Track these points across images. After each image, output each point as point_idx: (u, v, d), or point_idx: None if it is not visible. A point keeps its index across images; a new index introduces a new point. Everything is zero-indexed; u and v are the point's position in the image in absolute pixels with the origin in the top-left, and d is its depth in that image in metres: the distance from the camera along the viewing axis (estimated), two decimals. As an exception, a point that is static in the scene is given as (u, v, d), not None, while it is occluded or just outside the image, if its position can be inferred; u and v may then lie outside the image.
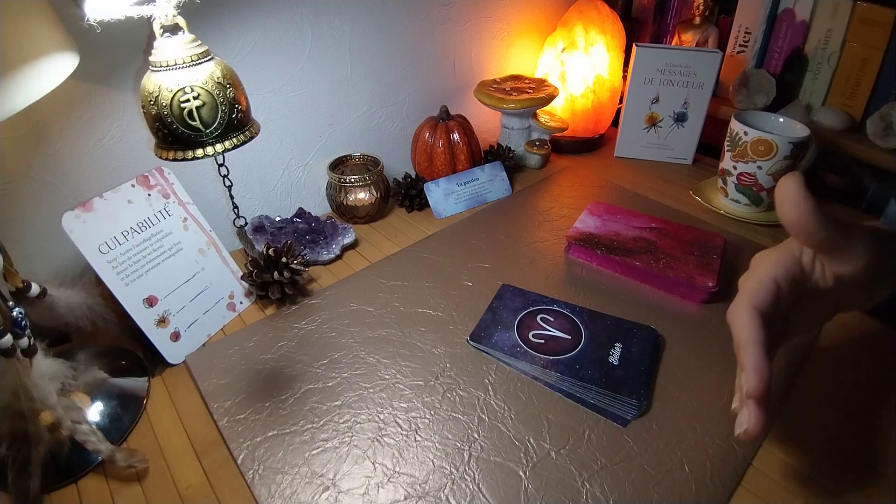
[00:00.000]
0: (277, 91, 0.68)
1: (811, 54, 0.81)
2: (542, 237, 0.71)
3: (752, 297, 0.36)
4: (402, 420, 0.46)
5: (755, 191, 0.72)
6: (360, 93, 0.77)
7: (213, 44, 0.54)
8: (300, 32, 0.67)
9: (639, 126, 0.89)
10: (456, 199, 0.78)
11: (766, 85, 0.84)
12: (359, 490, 0.41)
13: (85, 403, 0.47)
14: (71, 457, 0.42)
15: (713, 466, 0.42)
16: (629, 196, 0.80)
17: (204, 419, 0.48)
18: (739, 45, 0.89)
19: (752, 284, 0.37)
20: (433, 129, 0.78)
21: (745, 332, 0.35)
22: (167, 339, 0.53)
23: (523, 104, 0.82)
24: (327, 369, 0.51)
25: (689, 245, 0.63)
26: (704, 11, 0.88)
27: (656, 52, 0.82)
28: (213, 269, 0.58)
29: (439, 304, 0.59)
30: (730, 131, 0.73)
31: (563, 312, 0.56)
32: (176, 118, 0.39)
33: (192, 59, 0.40)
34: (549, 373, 0.49)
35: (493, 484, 0.41)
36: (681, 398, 0.48)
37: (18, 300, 0.42)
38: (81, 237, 0.48)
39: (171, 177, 0.57)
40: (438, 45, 0.83)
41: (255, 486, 0.41)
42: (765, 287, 0.36)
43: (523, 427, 0.45)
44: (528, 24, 0.95)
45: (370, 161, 0.77)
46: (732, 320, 0.36)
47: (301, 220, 0.70)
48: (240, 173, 0.69)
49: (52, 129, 0.53)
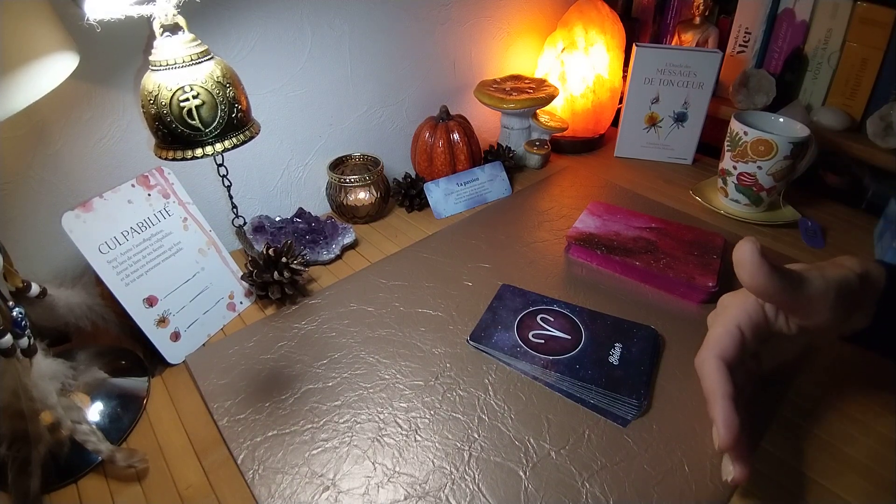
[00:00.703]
0: (277, 91, 0.68)
1: (811, 54, 0.81)
2: (542, 237, 0.71)
3: (717, 347, 0.38)
4: (402, 420, 0.46)
5: (755, 191, 0.72)
6: (360, 93, 0.77)
7: (213, 43, 0.54)
8: (300, 32, 0.67)
9: (639, 126, 0.89)
10: (456, 199, 0.78)
11: (766, 85, 0.84)
12: (359, 490, 0.41)
13: (85, 403, 0.47)
14: (71, 457, 0.42)
15: (713, 466, 0.42)
16: (629, 196, 0.80)
17: (204, 419, 0.48)
18: (739, 45, 0.89)
19: (717, 332, 0.39)
20: (433, 129, 0.78)
21: (713, 385, 0.36)
22: (167, 339, 0.52)
23: (523, 104, 0.82)
24: (327, 369, 0.51)
25: (689, 245, 0.63)
26: (704, 11, 0.88)
27: (656, 52, 0.82)
28: (213, 269, 0.58)
29: (439, 304, 0.59)
30: (730, 131, 0.73)
31: (563, 312, 0.56)
32: (175, 117, 0.39)
33: (192, 58, 0.40)
34: (549, 373, 0.49)
35: (493, 484, 0.41)
36: (681, 398, 0.48)
37: (18, 300, 0.42)
38: (81, 237, 0.48)
39: (171, 177, 0.57)
40: (438, 45, 0.83)
41: (255, 486, 0.41)
42: (729, 335, 0.38)
43: (523, 427, 0.45)
44: (528, 24, 0.95)
45: (370, 161, 0.77)
46: (700, 370, 0.38)
47: (301, 220, 0.70)
48: (240, 173, 0.69)
49: (52, 129, 0.53)
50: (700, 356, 0.39)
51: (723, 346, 0.38)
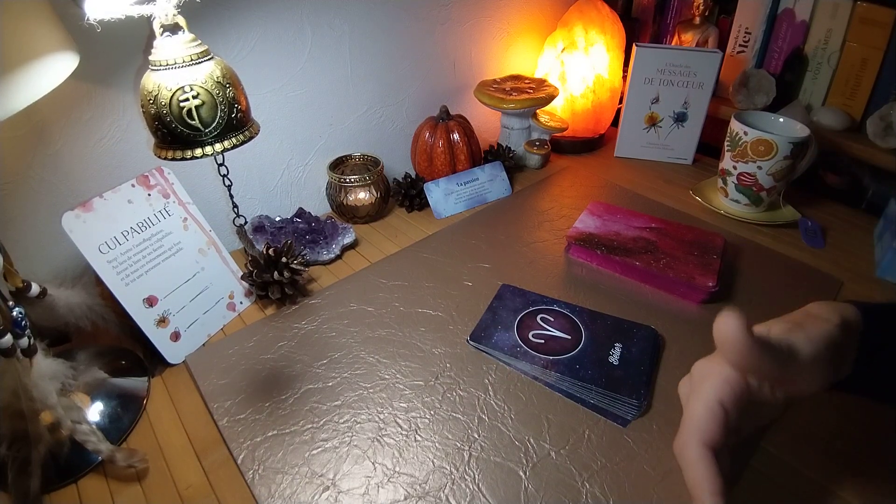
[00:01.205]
0: (277, 91, 0.68)
1: (811, 54, 0.81)
2: (542, 237, 0.71)
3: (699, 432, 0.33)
4: (402, 420, 0.46)
5: (755, 191, 0.72)
6: (360, 93, 0.77)
7: (213, 43, 0.54)
8: (300, 32, 0.67)
9: (639, 126, 0.89)
10: (456, 199, 0.78)
11: (766, 85, 0.84)
12: (359, 490, 0.41)
13: (85, 403, 0.47)
14: (71, 457, 0.42)
15: (713, 466, 0.42)
16: (629, 196, 0.80)
17: (204, 419, 0.48)
18: (739, 45, 0.89)
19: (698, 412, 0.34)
20: (433, 129, 0.78)
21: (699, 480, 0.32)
22: (167, 339, 0.52)
23: (523, 104, 0.82)
24: (327, 369, 0.51)
25: (689, 245, 0.63)
26: (704, 11, 0.88)
27: (656, 52, 0.82)
28: (213, 269, 0.58)
29: (439, 304, 0.59)
30: (730, 131, 0.73)
31: (563, 312, 0.56)
32: (175, 117, 0.39)
33: (192, 58, 0.40)
34: (549, 373, 0.49)
35: (493, 484, 0.41)
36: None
37: (18, 300, 0.42)
38: (81, 237, 0.48)
39: (171, 177, 0.57)
40: (438, 45, 0.83)
41: (255, 486, 0.41)
42: (712, 416, 0.33)
43: (523, 427, 0.45)
44: (528, 24, 0.95)
45: (370, 161, 0.77)
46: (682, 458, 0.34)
47: (301, 220, 0.70)
48: (240, 173, 0.69)
49: (52, 129, 0.53)
50: (680, 441, 0.34)
51: (706, 430, 0.33)
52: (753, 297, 0.60)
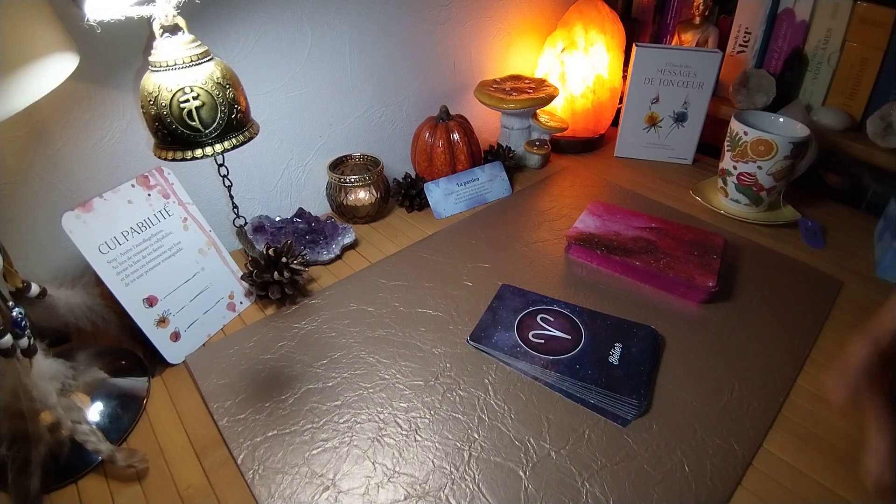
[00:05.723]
0: (277, 91, 0.68)
1: (811, 54, 0.81)
2: (542, 237, 0.71)
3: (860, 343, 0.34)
4: (402, 420, 0.46)
5: (755, 191, 0.72)
6: (360, 93, 0.77)
7: (213, 44, 0.54)
8: (300, 32, 0.67)
9: (639, 126, 0.89)
10: (456, 199, 0.78)
11: (766, 85, 0.84)
12: (359, 490, 0.41)
13: (85, 403, 0.47)
14: (71, 457, 0.42)
15: (713, 466, 0.42)
16: (629, 196, 0.80)
17: (204, 419, 0.48)
18: (739, 45, 0.89)
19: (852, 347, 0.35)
20: (433, 129, 0.78)
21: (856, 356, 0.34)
22: (167, 339, 0.52)
23: (523, 104, 0.82)
24: (327, 369, 0.51)
25: (690, 245, 0.63)
26: (704, 11, 0.88)
27: (656, 52, 0.82)
28: (213, 269, 0.58)
29: (439, 304, 0.59)
30: (730, 131, 0.73)
31: (563, 312, 0.56)
32: (175, 118, 0.39)
33: (192, 59, 0.39)
34: (549, 373, 0.49)
35: (493, 484, 0.41)
36: (681, 398, 0.48)
37: (18, 300, 0.42)
38: (81, 237, 0.48)
39: (171, 177, 0.57)
40: (438, 45, 0.83)
41: (255, 486, 0.41)
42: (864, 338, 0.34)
43: (523, 427, 0.45)
44: (528, 24, 0.95)
45: (370, 161, 0.77)
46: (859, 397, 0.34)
47: (301, 220, 0.70)
48: (240, 173, 0.69)
49: (52, 129, 0.53)
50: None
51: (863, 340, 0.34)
52: (753, 297, 0.60)
